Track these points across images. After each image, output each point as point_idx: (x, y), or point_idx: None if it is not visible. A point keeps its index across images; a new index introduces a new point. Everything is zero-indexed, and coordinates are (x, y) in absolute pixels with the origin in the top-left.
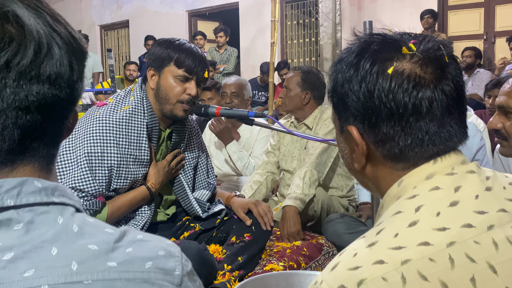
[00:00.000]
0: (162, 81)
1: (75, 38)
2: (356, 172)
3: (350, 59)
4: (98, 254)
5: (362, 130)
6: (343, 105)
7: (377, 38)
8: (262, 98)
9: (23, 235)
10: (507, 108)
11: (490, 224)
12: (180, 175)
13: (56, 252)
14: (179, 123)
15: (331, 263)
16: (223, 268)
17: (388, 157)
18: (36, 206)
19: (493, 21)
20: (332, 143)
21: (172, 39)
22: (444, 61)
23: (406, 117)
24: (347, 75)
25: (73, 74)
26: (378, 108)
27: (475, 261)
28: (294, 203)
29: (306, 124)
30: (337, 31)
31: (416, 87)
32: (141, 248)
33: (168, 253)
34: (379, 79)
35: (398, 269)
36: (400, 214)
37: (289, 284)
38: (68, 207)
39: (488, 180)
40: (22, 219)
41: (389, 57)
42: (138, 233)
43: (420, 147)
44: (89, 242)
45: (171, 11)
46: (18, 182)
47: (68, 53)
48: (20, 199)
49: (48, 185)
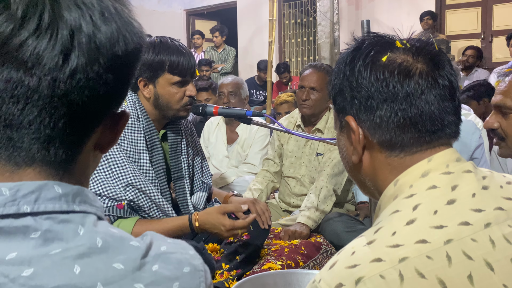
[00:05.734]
0: (160, 90)
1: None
2: (355, 170)
3: (347, 55)
4: (125, 274)
5: (357, 118)
6: (341, 96)
7: (372, 35)
8: (260, 97)
9: (40, 246)
10: (503, 107)
11: (487, 222)
12: (184, 179)
13: (79, 271)
14: (172, 123)
15: (329, 262)
16: (221, 267)
17: (383, 145)
18: (55, 214)
19: (491, 20)
20: (330, 142)
21: (152, 42)
22: (436, 53)
23: (399, 102)
24: (345, 68)
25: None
26: (373, 95)
27: (472, 258)
28: (307, 222)
29: (319, 129)
30: (335, 30)
31: (408, 74)
32: (166, 265)
33: (193, 268)
34: (373, 67)
35: (396, 267)
36: (398, 213)
37: (287, 283)
38: (90, 216)
39: (484, 179)
40: (39, 227)
41: (383, 50)
42: (162, 243)
43: (413, 132)
44: (114, 260)
45: (169, 10)
46: (37, 186)
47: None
48: (38, 206)
49: (70, 190)
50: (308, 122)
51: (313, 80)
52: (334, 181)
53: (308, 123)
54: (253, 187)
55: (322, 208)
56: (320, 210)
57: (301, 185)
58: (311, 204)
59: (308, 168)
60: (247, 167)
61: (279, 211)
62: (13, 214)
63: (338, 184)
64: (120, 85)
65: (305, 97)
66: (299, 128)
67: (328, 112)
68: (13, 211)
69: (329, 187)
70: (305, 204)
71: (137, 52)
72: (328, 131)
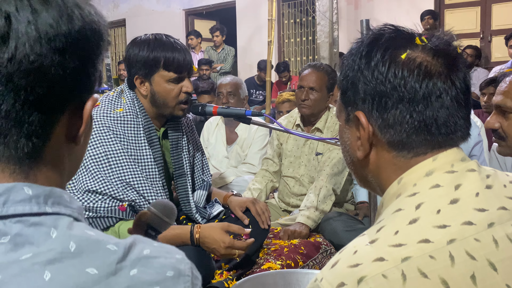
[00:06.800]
0: (156, 87)
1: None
2: (357, 164)
3: (363, 47)
4: (99, 280)
5: (369, 115)
6: (353, 89)
7: (390, 28)
8: (259, 97)
9: (9, 251)
10: (504, 107)
11: (491, 221)
12: (185, 176)
13: (49, 278)
14: (173, 120)
15: (331, 261)
16: (220, 267)
17: (392, 144)
18: (25, 217)
19: (490, 19)
20: (330, 141)
21: (147, 39)
22: (455, 55)
23: (416, 103)
24: (360, 61)
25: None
26: (389, 93)
27: (475, 258)
28: (306, 222)
29: (318, 128)
30: (334, 29)
31: (427, 75)
32: (147, 269)
33: (177, 272)
34: (392, 63)
35: (399, 266)
36: (401, 211)
37: (286, 282)
38: (64, 217)
39: (488, 178)
40: (9, 231)
41: (402, 45)
42: (146, 246)
43: (426, 135)
44: (88, 265)
45: (167, 10)
46: (5, 189)
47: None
48: (6, 209)
49: (41, 192)
50: (308, 121)
51: (312, 80)
52: (334, 180)
53: (308, 123)
54: (253, 186)
55: (322, 207)
56: (319, 209)
57: (301, 185)
58: (310, 204)
59: (307, 168)
60: (246, 167)
61: (279, 211)
62: None
63: (338, 184)
64: (77, 69)
65: (304, 97)
66: (298, 128)
67: (328, 111)
68: None
69: (328, 186)
70: (305, 203)
71: (89, 32)
72: (328, 130)
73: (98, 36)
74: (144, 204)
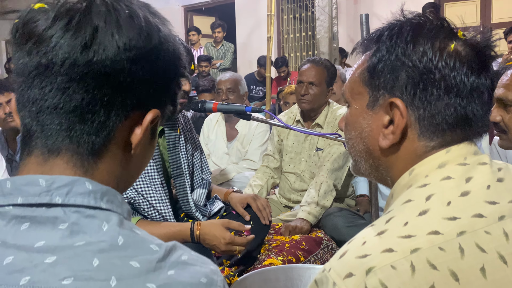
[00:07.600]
0: None
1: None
2: (373, 153)
3: (405, 31)
4: (139, 273)
5: (409, 102)
6: (392, 74)
7: (434, 18)
8: (259, 93)
9: (66, 237)
10: (506, 100)
11: (501, 214)
12: (184, 176)
13: (97, 264)
14: (169, 119)
15: (339, 251)
16: (222, 263)
17: (426, 134)
18: (83, 208)
19: (490, 13)
20: (330, 137)
21: None
22: (492, 56)
23: (462, 97)
24: (407, 46)
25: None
26: (438, 82)
27: (485, 251)
28: (307, 217)
29: (318, 124)
30: (333, 24)
31: (475, 71)
32: (183, 272)
33: (210, 281)
34: (444, 52)
35: (408, 258)
36: (411, 202)
37: (288, 277)
38: (115, 214)
39: (500, 172)
40: (67, 219)
41: (449, 37)
42: (184, 253)
43: (463, 130)
44: (132, 258)
45: (166, 6)
46: (70, 180)
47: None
48: (68, 198)
49: (99, 188)
50: (308, 117)
51: (312, 75)
52: (334, 176)
53: (308, 118)
54: (253, 183)
55: (323, 203)
56: (320, 205)
57: (301, 181)
58: (311, 199)
59: (308, 163)
60: (247, 163)
61: (280, 206)
62: (46, 204)
63: (338, 179)
64: (145, 80)
65: (303, 92)
66: (298, 124)
67: (327, 106)
68: (46, 201)
69: (329, 182)
70: (306, 199)
71: (163, 52)
72: (328, 125)
73: (172, 55)
74: (143, 202)
